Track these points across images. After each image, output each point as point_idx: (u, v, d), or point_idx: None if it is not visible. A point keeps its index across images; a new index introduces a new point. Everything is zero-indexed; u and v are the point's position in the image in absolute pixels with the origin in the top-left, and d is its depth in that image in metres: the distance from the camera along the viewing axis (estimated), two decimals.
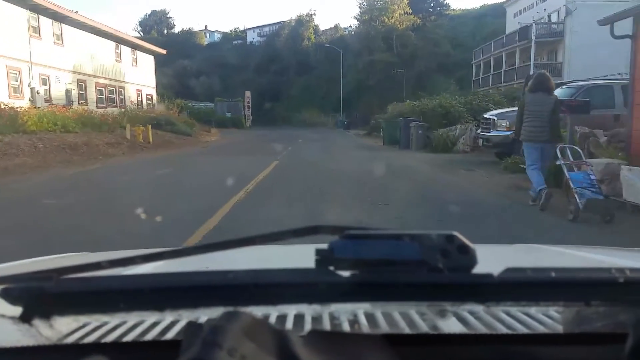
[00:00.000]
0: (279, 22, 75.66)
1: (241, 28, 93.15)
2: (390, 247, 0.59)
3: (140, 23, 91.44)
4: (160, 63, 71.57)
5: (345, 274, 0.58)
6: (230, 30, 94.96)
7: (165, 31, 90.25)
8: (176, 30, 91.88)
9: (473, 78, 41.08)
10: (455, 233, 0.58)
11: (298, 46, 76.33)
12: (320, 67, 73.57)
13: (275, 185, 9.15)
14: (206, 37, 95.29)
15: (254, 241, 0.64)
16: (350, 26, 70.26)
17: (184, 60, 77.68)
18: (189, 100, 52.05)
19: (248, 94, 52.85)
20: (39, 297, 0.59)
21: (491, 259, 0.79)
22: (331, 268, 0.58)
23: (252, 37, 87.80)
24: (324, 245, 0.59)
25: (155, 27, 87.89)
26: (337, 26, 76.69)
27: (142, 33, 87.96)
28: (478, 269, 0.58)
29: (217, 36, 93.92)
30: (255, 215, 6.13)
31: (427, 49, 53.67)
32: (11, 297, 0.59)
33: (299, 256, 0.88)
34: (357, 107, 56.97)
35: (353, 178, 9.79)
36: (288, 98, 72.47)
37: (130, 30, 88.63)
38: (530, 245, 1.76)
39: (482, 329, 0.65)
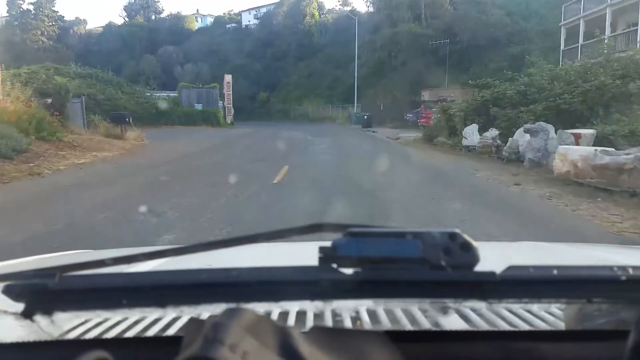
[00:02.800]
0: (278, 1, 54.76)
1: (236, 11, 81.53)
2: (393, 245, 0.57)
3: (125, 8, 78.81)
4: (142, 49, 63.11)
5: (348, 271, 0.57)
6: (224, 13, 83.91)
7: (154, 17, 78.17)
8: (164, 15, 78.89)
9: (562, 47, 27.33)
10: (458, 231, 0.57)
11: (299, 25, 63.75)
12: (326, 50, 59.21)
13: None
14: (197, 21, 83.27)
15: (257, 239, 0.63)
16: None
17: (169, 46, 66.20)
18: (147, 88, 40.53)
19: (228, 78, 38.89)
20: (42, 294, 0.59)
21: (494, 257, 0.77)
22: (334, 265, 0.57)
23: (247, 19, 75.94)
24: (327, 243, 0.57)
25: (141, 12, 76.53)
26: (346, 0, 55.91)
27: (127, 19, 77.35)
28: (480, 267, 0.56)
29: (209, 20, 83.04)
30: None
31: (471, 17, 39.71)
32: (14, 294, 0.59)
33: (303, 254, 0.85)
34: (376, 96, 45.96)
35: None
36: (287, 87, 52.00)
37: (116, 17, 68.34)
38: (532, 243, 1.65)
39: (484, 326, 0.65)
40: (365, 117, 30.30)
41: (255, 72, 59.32)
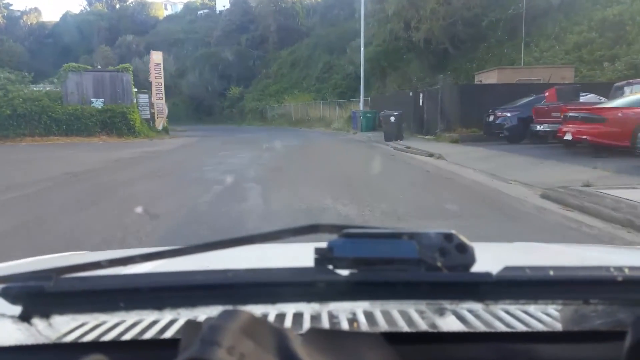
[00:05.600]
0: None
1: None
2: (389, 245, 0.55)
3: None
4: (100, 40, 51.53)
5: (344, 272, 0.55)
6: None
7: (118, 5, 62.54)
8: (130, 2, 65.12)
9: None
10: (454, 232, 0.55)
11: (280, 3, 46.60)
12: (314, 32, 42.21)
13: None
14: (166, 9, 67.27)
15: (253, 240, 0.60)
16: None
17: (129, 35, 52.29)
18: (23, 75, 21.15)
19: (157, 57, 23.18)
20: (39, 296, 0.56)
21: (490, 258, 0.76)
22: (330, 267, 0.55)
23: (222, 4, 59.95)
24: (323, 244, 0.56)
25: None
26: None
27: (87, 8, 62.13)
28: (477, 268, 0.55)
29: (180, 7, 68.85)
30: None
31: None
32: (11, 297, 0.56)
33: (299, 255, 0.84)
34: (385, 87, 13.65)
35: None
36: (265, 79, 31.67)
37: (75, 6, 57.68)
38: (529, 244, 1.54)
39: (481, 327, 0.63)
40: (393, 118, 14.03)
41: (226, 62, 43.73)
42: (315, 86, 37.58)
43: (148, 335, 0.62)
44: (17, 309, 0.57)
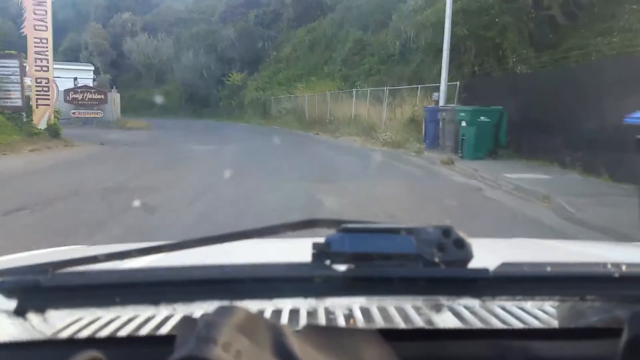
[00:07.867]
0: None
1: None
2: (387, 241, 0.54)
3: None
4: (97, 19, 45.21)
5: (342, 268, 0.54)
6: None
7: None
8: None
9: None
10: (452, 227, 0.55)
11: None
12: (341, 7, 30.01)
13: None
14: None
15: (250, 235, 0.60)
16: None
17: (124, 13, 44.70)
18: None
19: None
20: (34, 290, 0.56)
21: (487, 254, 0.75)
22: (327, 262, 0.54)
23: None
24: (321, 239, 0.55)
25: None
26: None
27: None
28: (474, 264, 0.54)
29: None
30: None
31: None
32: (6, 291, 0.56)
33: (296, 250, 0.77)
34: (461, 67, 9.56)
35: None
36: (275, 64, 14.09)
37: None
38: (526, 240, 1.49)
39: (478, 324, 0.62)
40: None
41: (227, 42, 32.68)
42: (342, 72, 26.35)
43: (144, 331, 0.60)
44: (12, 304, 0.55)
